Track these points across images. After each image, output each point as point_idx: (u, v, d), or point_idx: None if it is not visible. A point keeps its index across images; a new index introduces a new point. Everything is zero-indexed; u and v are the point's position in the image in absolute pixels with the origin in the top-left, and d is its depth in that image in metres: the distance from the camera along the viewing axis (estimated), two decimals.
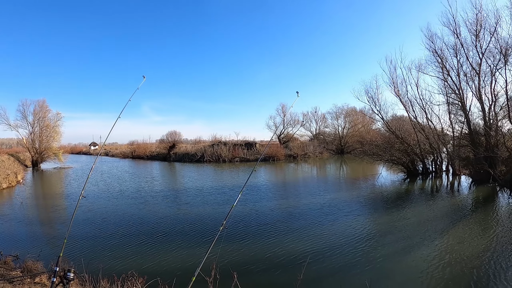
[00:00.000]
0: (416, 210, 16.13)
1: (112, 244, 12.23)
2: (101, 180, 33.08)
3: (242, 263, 9.73)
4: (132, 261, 10.31)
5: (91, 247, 11.90)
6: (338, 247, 10.80)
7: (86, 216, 16.61)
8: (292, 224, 14.06)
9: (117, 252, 11.27)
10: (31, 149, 54.28)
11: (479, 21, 22.45)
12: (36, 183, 36.12)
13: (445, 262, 9.09)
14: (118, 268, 9.45)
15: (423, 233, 12.01)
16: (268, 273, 9.03)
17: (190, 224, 14.71)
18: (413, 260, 9.45)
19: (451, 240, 11.22)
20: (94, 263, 9.71)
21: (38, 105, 55.03)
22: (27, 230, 14.95)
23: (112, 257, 10.73)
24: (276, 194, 22.81)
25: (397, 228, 13.04)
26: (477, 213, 15.37)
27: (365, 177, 29.94)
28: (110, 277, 7.47)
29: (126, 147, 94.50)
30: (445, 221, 13.84)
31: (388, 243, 11.10)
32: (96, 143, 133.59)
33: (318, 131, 79.44)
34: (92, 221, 15.82)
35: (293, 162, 54.23)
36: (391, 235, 12.00)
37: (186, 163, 57.45)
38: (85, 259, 9.18)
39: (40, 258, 9.78)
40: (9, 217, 17.24)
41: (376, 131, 48.34)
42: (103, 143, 8.48)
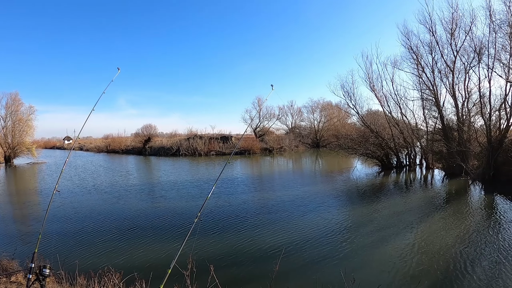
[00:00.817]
0: (390, 203, 16.43)
1: (87, 239, 12.12)
2: (75, 175, 32.64)
3: (219, 256, 9.77)
4: (108, 256, 10.25)
5: (67, 243, 11.77)
6: (313, 239, 10.94)
7: (61, 212, 16.42)
8: (267, 217, 14.18)
9: (93, 247, 11.18)
10: (3, 144, 52.84)
11: (454, 20, 22.87)
12: (8, 179, 35.48)
13: (418, 253, 9.32)
14: (94, 263, 9.40)
15: (396, 225, 12.27)
16: (245, 265, 9.12)
17: (166, 218, 14.72)
18: (387, 251, 9.64)
19: (423, 231, 11.48)
20: (70, 259, 9.59)
21: (11, 98, 53.38)
22: (0, 228, 14.70)
23: (88, 253, 10.63)
24: (252, 187, 22.92)
25: (371, 220, 13.27)
26: (449, 205, 15.69)
27: (340, 170, 30.36)
28: (86, 273, 7.44)
29: (100, 141, 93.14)
30: (418, 213, 14.15)
31: (362, 234, 11.27)
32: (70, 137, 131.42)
33: (294, 125, 79.73)
34: (67, 217, 15.65)
35: (269, 155, 54.44)
36: (366, 227, 12.18)
37: (161, 157, 57.08)
38: (60, 255, 9.09)
39: (15, 256, 9.64)
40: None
41: (352, 125, 48.88)
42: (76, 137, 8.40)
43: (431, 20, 24.16)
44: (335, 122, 69.24)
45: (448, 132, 24.21)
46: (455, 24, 22.95)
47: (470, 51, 22.56)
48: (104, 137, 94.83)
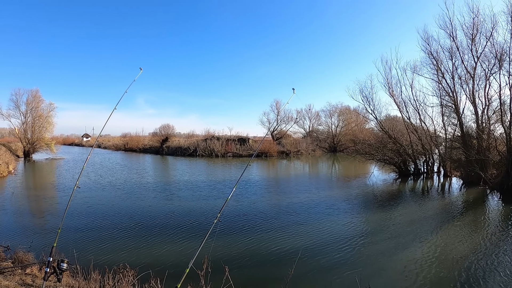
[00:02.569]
0: (407, 210, 16.28)
1: (103, 235, 12.27)
2: (92, 172, 33.17)
3: (234, 257, 9.78)
4: (124, 253, 10.35)
5: (83, 238, 11.94)
6: (329, 243, 10.91)
7: (78, 207, 16.62)
8: (283, 220, 14.17)
9: (108, 244, 11.31)
10: (23, 139, 54.00)
11: (475, 25, 22.51)
12: (27, 173, 36.00)
13: (433, 262, 9.18)
14: (109, 260, 9.48)
15: (413, 233, 12.11)
16: (260, 267, 9.11)
17: (183, 218, 14.78)
18: (403, 259, 9.53)
19: (440, 240, 11.31)
20: (86, 254, 9.79)
21: (31, 95, 54.70)
22: (18, 221, 14.94)
23: (104, 249, 10.77)
24: (269, 190, 22.93)
25: (386, 227, 13.18)
26: (466, 215, 15.48)
27: (357, 176, 30.15)
28: (101, 268, 7.46)
29: (118, 140, 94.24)
30: (435, 221, 13.96)
31: (378, 241, 11.20)
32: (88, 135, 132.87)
33: (312, 129, 79.47)
34: (84, 212, 15.86)
35: (286, 158, 54.33)
36: (382, 234, 12.11)
37: (178, 157, 57.46)
38: (76, 250, 9.19)
39: (31, 249, 9.77)
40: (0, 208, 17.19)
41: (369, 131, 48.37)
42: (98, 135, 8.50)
43: (452, 25, 23.84)
44: (353, 127, 68.69)
45: (467, 140, 23.83)
46: (476, 30, 22.59)
47: (491, 57, 22.19)
48: (122, 136, 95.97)
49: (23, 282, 7.10)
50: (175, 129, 75.62)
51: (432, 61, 25.86)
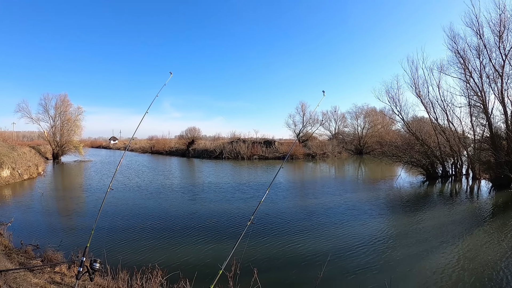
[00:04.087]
0: (435, 214, 16.05)
1: (132, 236, 12.55)
2: (120, 174, 33.70)
3: (263, 259, 9.85)
4: (152, 254, 10.52)
5: (111, 238, 12.22)
6: (358, 246, 10.89)
7: (107, 208, 16.97)
8: (311, 222, 14.17)
9: (137, 245, 11.53)
10: (52, 142, 55.61)
11: (502, 22, 21.99)
12: (56, 175, 36.96)
13: (461, 267, 9.08)
14: (138, 260, 9.70)
15: (439, 237, 11.99)
16: (288, 270, 9.14)
17: (211, 220, 14.92)
18: (430, 263, 9.42)
19: (469, 245, 11.16)
20: (114, 254, 10.02)
21: (60, 99, 56.32)
22: (47, 221, 15.37)
23: (132, 250, 10.98)
24: (296, 192, 23.01)
25: (414, 230, 13.06)
26: (496, 219, 15.17)
27: (384, 179, 29.92)
28: (130, 268, 7.64)
29: (145, 142, 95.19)
30: (464, 225, 13.74)
31: (406, 245, 11.13)
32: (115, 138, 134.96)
33: (337, 131, 79.18)
34: (112, 213, 16.22)
35: (312, 161, 54.20)
36: (409, 237, 12.03)
37: (205, 159, 57.86)
38: (106, 250, 9.43)
39: (60, 248, 10.00)
40: (29, 208, 17.76)
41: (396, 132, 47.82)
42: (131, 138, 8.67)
43: (478, 22, 23.27)
44: (379, 129, 68.07)
45: (497, 141, 23.28)
46: (503, 26, 22.08)
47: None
48: (148, 138, 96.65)
49: (52, 280, 7.28)
50: (201, 131, 76.37)
51: (459, 60, 25.36)
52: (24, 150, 37.54)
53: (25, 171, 30.75)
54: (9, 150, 33.93)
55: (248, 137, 68.48)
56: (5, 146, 35.03)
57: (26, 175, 30.40)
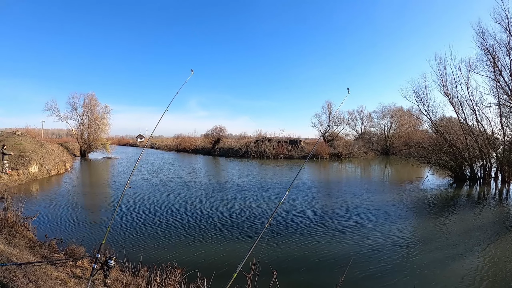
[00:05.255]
0: (462, 218, 15.73)
1: (153, 234, 12.72)
2: (146, 171, 34.46)
3: (282, 261, 9.80)
4: (172, 251, 10.66)
5: (133, 235, 12.42)
6: (381, 250, 10.74)
7: (130, 205, 17.30)
8: (334, 224, 14.06)
9: (158, 242, 11.69)
10: (80, 139, 57.26)
11: None
12: (83, 171, 37.90)
13: (487, 276, 8.84)
14: (158, 257, 9.82)
15: (466, 242, 11.73)
16: (309, 273, 9.06)
17: (232, 219, 15.00)
18: (457, 269, 9.24)
19: (495, 252, 10.86)
20: (135, 251, 10.23)
21: (88, 98, 58.05)
22: (72, 216, 15.71)
23: (153, 247, 11.12)
24: (319, 192, 22.84)
25: (440, 235, 12.78)
26: None
27: (410, 180, 29.44)
28: (149, 265, 7.79)
29: (171, 140, 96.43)
30: (492, 231, 13.37)
31: (430, 249, 10.89)
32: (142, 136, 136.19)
33: (364, 131, 78.55)
34: (135, 210, 16.46)
35: (337, 161, 53.83)
36: (435, 242, 11.76)
37: (230, 158, 58.21)
38: (126, 247, 9.64)
39: (83, 243, 10.28)
40: (56, 203, 18.24)
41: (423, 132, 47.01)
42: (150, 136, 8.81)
43: (508, 18, 22.34)
44: (406, 129, 67.03)
45: None
46: None
47: None
48: (175, 137, 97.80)
49: (73, 274, 7.45)
50: (227, 130, 76.90)
51: (488, 57, 24.47)
52: (52, 147, 38.55)
53: (53, 167, 31.60)
54: (38, 147, 34.85)
55: (273, 136, 68.57)
56: (33, 143, 35.98)
57: (53, 171, 31.32)
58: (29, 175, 27.43)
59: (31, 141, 36.54)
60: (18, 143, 33.13)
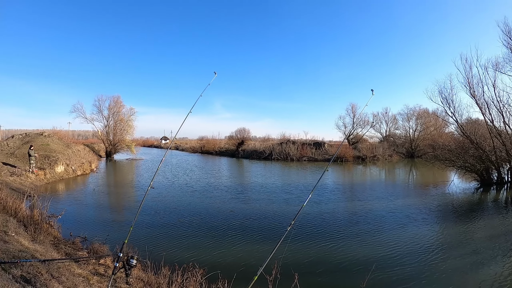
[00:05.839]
0: (488, 223, 15.45)
1: (175, 234, 12.94)
2: (170, 172, 34.90)
3: (304, 264, 9.79)
4: (193, 252, 10.79)
5: (156, 234, 12.68)
6: (405, 255, 10.60)
7: (153, 205, 17.63)
8: (357, 228, 13.98)
9: (180, 242, 11.88)
10: (106, 140, 58.60)
11: None
12: (108, 172, 38.80)
13: None
14: (179, 257, 9.96)
15: (492, 249, 11.47)
16: (331, 276, 9.05)
17: (254, 221, 15.09)
18: (483, 277, 9.06)
19: None
20: (157, 250, 10.45)
21: (113, 101, 59.44)
22: (97, 215, 16.17)
23: (175, 247, 11.31)
24: (343, 195, 22.73)
25: (465, 241, 12.57)
26: None
27: (436, 184, 28.94)
28: (171, 265, 7.90)
29: (195, 142, 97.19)
30: None
31: (455, 256, 10.68)
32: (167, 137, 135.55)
33: (388, 133, 77.50)
34: (158, 211, 16.76)
35: (362, 164, 53.44)
36: (460, 248, 11.57)
37: (254, 160, 58.43)
38: (148, 246, 9.81)
39: (107, 241, 10.55)
40: (81, 202, 18.76)
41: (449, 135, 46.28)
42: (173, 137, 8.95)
43: None
44: (431, 131, 65.80)
45: None
46: None
47: None
48: (199, 139, 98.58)
49: (95, 271, 7.62)
50: (251, 132, 77.10)
51: None
52: (78, 148, 39.50)
53: (79, 168, 32.52)
54: (64, 147, 35.72)
55: (297, 138, 68.56)
56: (60, 144, 36.86)
57: (79, 171, 32.26)
58: (56, 175, 28.25)
59: (57, 142, 37.45)
60: (45, 144, 34.02)
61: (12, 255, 6.61)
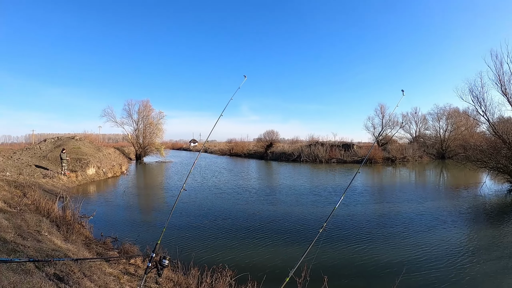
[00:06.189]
0: None
1: (205, 235, 13.23)
2: (198, 174, 35.37)
3: (334, 267, 9.89)
4: (223, 253, 11.03)
5: (185, 236, 12.99)
6: (436, 259, 10.54)
7: (183, 207, 17.97)
8: (387, 230, 14.00)
9: (209, 243, 12.15)
10: (135, 143, 60.07)
11: None
12: (138, 174, 39.64)
13: None
14: (208, 258, 10.23)
15: None
16: (360, 279, 9.15)
17: (284, 223, 15.25)
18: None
19: None
20: (187, 251, 10.77)
21: (142, 105, 61.07)
22: (127, 216, 16.66)
23: (204, 248, 11.58)
24: (372, 198, 22.75)
25: (497, 245, 12.42)
26: None
27: (467, 186, 28.49)
28: (201, 266, 8.21)
29: (224, 145, 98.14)
30: None
31: (486, 260, 10.55)
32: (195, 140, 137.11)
33: (418, 134, 76.41)
34: (188, 212, 17.14)
35: (391, 165, 52.86)
36: (492, 252, 11.45)
37: (282, 162, 58.63)
38: (178, 247, 10.15)
39: (137, 242, 10.93)
40: (112, 203, 19.39)
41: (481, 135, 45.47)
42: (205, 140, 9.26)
43: None
44: (462, 131, 64.40)
45: None
46: None
47: None
48: (227, 141, 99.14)
49: (126, 271, 8.00)
50: (279, 134, 77.24)
51: None
52: (109, 151, 40.60)
53: (109, 170, 33.52)
54: (95, 150, 36.80)
55: (326, 140, 68.30)
56: (91, 147, 37.99)
57: (110, 173, 33.22)
58: (87, 177, 29.23)
59: (89, 145, 38.58)
60: (76, 147, 35.09)
61: (46, 254, 7.02)
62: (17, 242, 7.11)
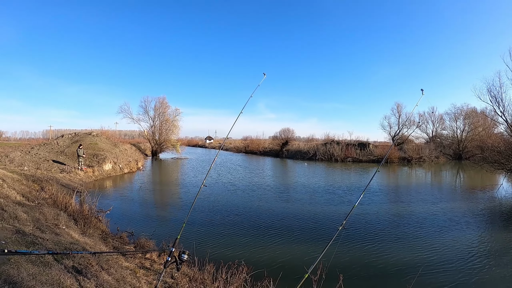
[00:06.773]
0: None
1: (221, 231, 13.33)
2: (214, 171, 35.44)
3: (349, 265, 9.91)
4: (238, 250, 11.16)
5: (201, 232, 13.10)
6: (452, 261, 10.48)
7: (199, 204, 18.06)
8: (403, 231, 13.93)
9: (225, 239, 12.28)
10: (151, 140, 60.76)
11: None
12: (154, 170, 40.08)
13: None
14: (224, 255, 10.35)
15: None
16: (376, 279, 9.17)
17: (300, 221, 15.27)
18: None
19: None
20: (203, 247, 10.81)
21: (159, 102, 61.62)
22: (142, 211, 16.94)
23: (220, 244, 11.70)
24: (387, 197, 22.63)
25: None
26: None
27: (484, 188, 28.06)
28: (216, 262, 8.33)
29: (239, 142, 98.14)
30: None
31: (503, 264, 10.44)
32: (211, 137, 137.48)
33: (435, 134, 75.64)
34: (204, 208, 17.28)
35: (407, 165, 52.54)
36: (507, 256, 11.32)
37: (298, 160, 58.71)
38: (193, 243, 10.19)
39: (152, 237, 11.08)
40: (128, 199, 19.64)
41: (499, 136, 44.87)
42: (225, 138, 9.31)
43: None
44: (480, 132, 63.59)
45: None
46: None
47: None
48: (243, 139, 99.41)
49: (142, 265, 8.17)
50: (295, 133, 77.33)
51: None
52: (125, 147, 40.95)
53: (126, 166, 33.99)
54: (112, 146, 37.20)
55: (342, 139, 68.13)
56: (108, 143, 38.41)
57: (126, 169, 33.73)
58: (103, 172, 29.72)
59: (105, 141, 39.03)
60: (93, 143, 35.59)
61: (64, 247, 7.17)
62: (36, 235, 7.28)
